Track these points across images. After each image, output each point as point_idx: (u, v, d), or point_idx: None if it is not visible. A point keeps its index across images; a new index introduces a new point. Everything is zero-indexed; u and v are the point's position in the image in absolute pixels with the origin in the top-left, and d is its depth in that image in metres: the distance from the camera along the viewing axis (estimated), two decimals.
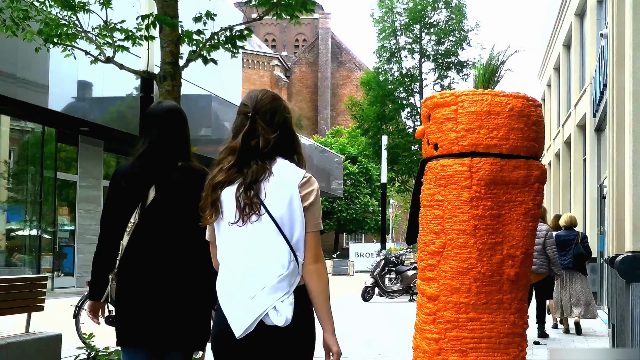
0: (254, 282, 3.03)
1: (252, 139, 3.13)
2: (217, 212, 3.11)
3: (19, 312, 6.99)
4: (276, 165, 3.11)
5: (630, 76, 6.14)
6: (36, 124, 18.82)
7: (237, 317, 3.02)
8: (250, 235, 3.07)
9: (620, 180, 7.49)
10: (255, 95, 3.25)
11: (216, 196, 3.11)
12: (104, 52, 7.46)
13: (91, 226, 21.12)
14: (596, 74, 16.20)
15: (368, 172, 53.26)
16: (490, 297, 4.72)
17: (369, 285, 18.44)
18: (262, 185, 3.07)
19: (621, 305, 6.91)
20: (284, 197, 3.06)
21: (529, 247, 4.79)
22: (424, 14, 34.31)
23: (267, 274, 3.04)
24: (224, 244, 3.14)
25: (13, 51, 15.45)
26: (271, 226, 3.05)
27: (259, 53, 75.39)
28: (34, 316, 7.17)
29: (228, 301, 3.08)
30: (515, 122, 4.70)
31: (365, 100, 36.76)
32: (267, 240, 3.06)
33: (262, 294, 3.02)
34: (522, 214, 4.73)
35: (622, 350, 6.70)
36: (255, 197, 3.05)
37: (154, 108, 4.05)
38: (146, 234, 3.90)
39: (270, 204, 3.06)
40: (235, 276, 3.08)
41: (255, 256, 3.06)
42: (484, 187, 4.70)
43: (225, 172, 3.12)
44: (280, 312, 3.01)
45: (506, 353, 4.76)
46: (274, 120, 3.17)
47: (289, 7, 7.22)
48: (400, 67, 35.15)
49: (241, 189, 3.07)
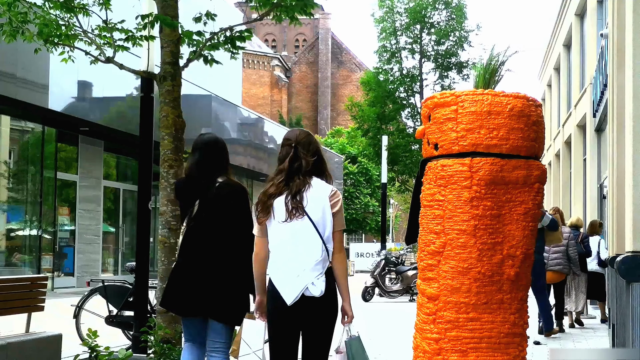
0: (298, 265, 4.33)
1: (296, 162, 4.39)
2: (269, 214, 4.35)
3: (19, 312, 6.99)
4: (313, 182, 4.40)
5: (630, 76, 6.14)
6: (36, 124, 18.82)
7: (288, 290, 4.31)
8: (294, 231, 4.34)
9: (620, 180, 7.49)
10: (295, 132, 4.54)
11: (270, 203, 4.36)
12: (104, 52, 7.47)
13: (91, 226, 21.12)
14: (596, 74, 16.20)
15: (368, 172, 53.24)
16: (490, 297, 4.72)
17: (369, 285, 18.44)
18: (304, 194, 4.34)
19: (621, 305, 6.91)
20: (319, 205, 4.36)
21: (529, 247, 4.78)
22: (424, 14, 34.31)
23: (307, 259, 4.34)
24: (275, 238, 4.38)
25: (13, 51, 15.45)
26: (310, 225, 4.33)
27: (259, 53, 75.38)
28: (34, 316, 7.17)
29: (280, 279, 4.35)
30: (515, 122, 4.71)
31: (366, 101, 36.73)
32: (307, 235, 4.34)
33: (304, 273, 4.32)
34: (522, 214, 4.73)
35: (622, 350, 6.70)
36: (300, 203, 4.32)
37: (197, 139, 5.23)
38: (194, 236, 5.00)
39: (310, 209, 4.34)
40: (284, 261, 4.35)
41: (298, 247, 4.34)
42: (484, 187, 4.70)
43: (276, 186, 4.37)
44: (317, 286, 4.33)
45: (506, 353, 4.75)
46: (309, 149, 4.45)
47: (289, 8, 7.22)
48: (400, 67, 35.13)
49: (288, 197, 4.33)
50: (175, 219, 6.88)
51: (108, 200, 22.60)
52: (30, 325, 7.01)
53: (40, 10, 7.37)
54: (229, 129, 28.41)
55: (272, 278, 4.39)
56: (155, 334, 6.67)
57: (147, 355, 6.86)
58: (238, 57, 7.70)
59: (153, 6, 7.34)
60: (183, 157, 6.99)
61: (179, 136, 6.95)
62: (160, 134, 6.99)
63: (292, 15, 7.26)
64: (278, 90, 78.23)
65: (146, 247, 8.07)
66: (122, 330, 9.53)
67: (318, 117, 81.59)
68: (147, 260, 8.13)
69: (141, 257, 8.07)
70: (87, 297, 9.59)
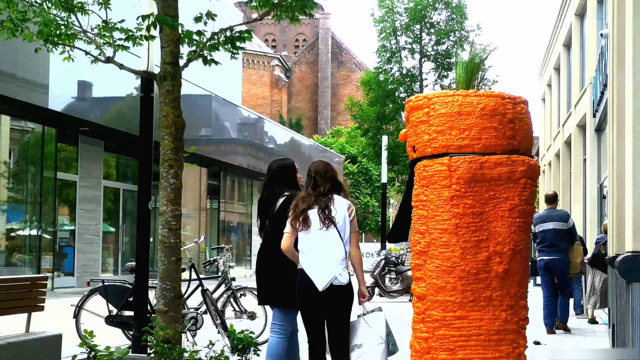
0: (328, 261, 5.67)
1: (317, 187, 5.84)
2: (307, 224, 5.75)
3: (19, 312, 6.99)
4: (334, 198, 5.82)
5: (630, 76, 6.14)
6: (36, 124, 18.82)
7: (320, 279, 5.64)
8: (326, 236, 5.73)
9: (620, 180, 7.48)
10: (315, 164, 5.97)
11: (305, 216, 5.76)
12: (104, 52, 7.46)
13: (91, 226, 21.12)
14: (596, 74, 16.19)
15: (368, 172, 53.22)
16: (477, 294, 4.73)
17: (369, 286, 18.43)
18: (331, 209, 5.75)
19: (621, 305, 6.91)
20: (341, 216, 5.76)
21: (518, 243, 4.74)
22: (424, 14, 34.29)
23: (334, 256, 5.69)
24: (310, 240, 5.74)
25: (13, 51, 15.45)
26: (335, 232, 5.72)
27: (259, 53, 75.36)
28: (34, 316, 7.17)
29: (313, 271, 5.68)
30: (487, 122, 4.73)
31: (366, 101, 36.72)
32: (334, 239, 5.72)
33: (333, 267, 5.66)
34: (507, 210, 4.73)
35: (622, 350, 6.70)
36: (330, 215, 5.73)
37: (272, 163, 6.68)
38: (270, 237, 6.32)
39: (336, 219, 5.74)
40: (316, 257, 5.70)
41: (328, 247, 5.70)
42: (463, 186, 4.73)
43: (306, 203, 5.79)
44: (343, 276, 5.69)
45: (498, 350, 4.72)
46: (326, 176, 5.87)
47: (288, 8, 7.21)
48: (400, 67, 35.12)
49: (319, 211, 5.75)
50: (175, 219, 6.88)
51: (108, 200, 22.60)
52: (30, 325, 7.00)
53: (39, 9, 7.36)
54: (229, 129, 28.41)
55: (306, 270, 5.72)
56: (156, 334, 6.67)
57: (148, 355, 6.85)
58: (238, 57, 7.70)
59: (153, 6, 7.33)
60: (183, 157, 6.99)
61: (179, 136, 6.94)
62: (160, 134, 6.99)
63: (292, 15, 7.25)
64: (278, 90, 78.22)
65: (146, 247, 8.07)
66: (122, 330, 9.54)
67: (318, 117, 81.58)
68: (147, 260, 8.13)
69: (141, 257, 8.07)
70: (87, 297, 9.59)
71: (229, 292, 10.30)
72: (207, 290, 9.78)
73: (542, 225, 11.71)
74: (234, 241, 31.74)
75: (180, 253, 6.98)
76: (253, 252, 33.16)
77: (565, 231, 11.65)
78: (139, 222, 8.16)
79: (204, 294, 9.73)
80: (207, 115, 26.12)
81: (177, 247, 6.90)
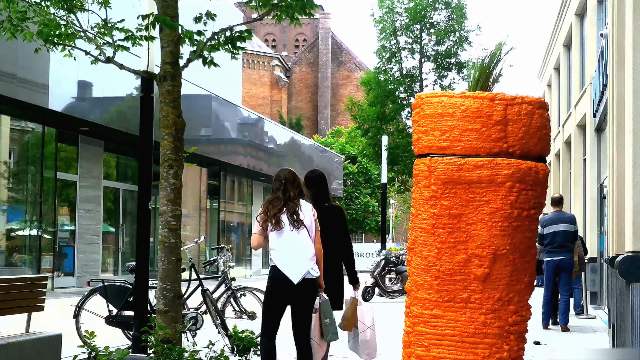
0: (301, 257, 6.31)
1: (286, 192, 6.43)
2: (280, 225, 6.34)
3: (19, 312, 6.99)
4: (301, 203, 6.45)
5: (630, 76, 6.14)
6: (36, 124, 18.82)
7: (294, 273, 6.25)
8: (298, 236, 6.35)
9: (620, 180, 7.48)
10: (284, 172, 6.57)
11: (277, 219, 6.34)
12: (104, 52, 7.46)
13: (91, 226, 21.12)
14: (596, 74, 16.19)
15: (368, 172, 53.19)
16: (453, 295, 4.72)
17: (369, 285, 18.44)
18: (299, 213, 6.39)
19: (621, 305, 6.91)
20: (308, 218, 6.42)
21: (499, 247, 4.65)
22: (424, 14, 34.26)
23: (306, 253, 6.34)
24: (283, 239, 6.33)
25: (13, 51, 15.45)
26: (306, 232, 6.39)
27: (259, 53, 75.34)
28: (34, 316, 7.17)
29: (287, 266, 6.27)
30: (470, 123, 4.67)
31: (366, 101, 36.70)
32: (305, 238, 6.37)
33: (305, 262, 6.31)
34: (488, 213, 4.66)
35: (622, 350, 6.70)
36: (299, 218, 6.37)
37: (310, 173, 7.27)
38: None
39: (304, 221, 6.39)
40: (290, 254, 6.30)
41: (301, 245, 6.34)
42: (440, 187, 4.72)
43: (276, 208, 6.39)
44: (314, 270, 6.35)
45: (473, 353, 4.67)
46: (294, 184, 6.50)
47: (288, 8, 7.21)
48: (400, 67, 35.09)
49: (289, 214, 6.37)
50: (175, 219, 6.88)
51: (108, 200, 22.60)
52: (30, 325, 7.01)
53: (39, 9, 7.36)
54: (229, 129, 28.41)
55: (279, 266, 6.29)
56: (155, 334, 6.67)
57: (147, 355, 6.85)
58: (238, 57, 7.70)
59: (153, 6, 7.33)
60: (183, 157, 6.99)
61: (179, 136, 6.94)
62: (160, 134, 6.99)
63: (292, 15, 7.25)
64: (278, 90, 78.20)
65: (146, 247, 8.07)
66: (122, 330, 9.54)
67: (318, 117, 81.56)
68: (147, 260, 8.13)
69: (141, 257, 8.07)
70: (87, 297, 9.59)
71: (229, 292, 10.29)
72: (207, 290, 9.78)
73: (551, 227, 12.39)
74: (234, 241, 31.74)
75: (180, 253, 6.98)
76: (253, 252, 33.15)
77: (572, 233, 12.52)
78: (139, 222, 8.16)
79: (204, 294, 9.73)
80: (207, 115, 26.12)
81: (177, 247, 6.91)
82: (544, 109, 4.82)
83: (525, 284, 4.79)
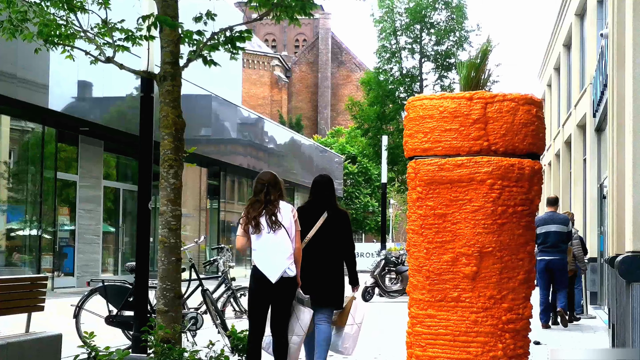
0: (279, 257, 6.52)
1: (268, 195, 6.60)
2: (259, 228, 6.54)
3: (19, 312, 6.99)
4: (280, 205, 6.63)
5: (630, 76, 6.14)
6: (36, 124, 18.82)
7: (272, 273, 6.48)
8: (275, 237, 6.54)
9: (620, 180, 7.49)
10: (267, 175, 6.73)
11: (257, 221, 6.54)
12: (104, 52, 7.46)
13: (91, 226, 21.12)
14: (596, 74, 16.19)
15: (368, 172, 53.19)
16: (444, 294, 4.76)
17: (369, 285, 18.43)
18: (278, 214, 6.57)
19: (621, 305, 6.91)
20: (287, 219, 6.61)
21: (485, 245, 4.66)
22: (424, 14, 34.27)
23: (284, 253, 6.54)
24: (262, 241, 6.54)
25: (13, 51, 15.45)
26: (284, 232, 6.56)
27: (259, 53, 75.34)
28: (34, 316, 7.17)
29: (266, 266, 6.51)
30: (448, 124, 4.73)
31: (366, 100, 36.70)
32: (283, 239, 6.55)
33: (283, 262, 6.51)
34: (471, 212, 4.69)
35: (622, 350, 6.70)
36: (277, 220, 6.55)
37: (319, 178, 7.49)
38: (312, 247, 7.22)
39: (283, 222, 6.57)
40: (268, 255, 6.53)
41: (278, 245, 6.53)
42: (425, 188, 4.80)
43: (256, 210, 6.58)
44: (291, 269, 6.55)
45: (466, 352, 4.70)
46: (276, 187, 6.67)
47: (288, 8, 7.21)
48: (400, 67, 35.11)
49: (267, 217, 6.55)
50: (175, 219, 6.88)
51: (108, 200, 22.60)
52: (30, 325, 7.01)
53: (39, 9, 7.36)
54: (229, 129, 28.41)
55: (259, 266, 6.53)
56: (156, 334, 6.67)
57: (147, 355, 6.86)
58: (238, 57, 7.70)
59: (153, 6, 7.33)
60: (183, 157, 6.99)
61: (179, 136, 6.94)
62: (160, 134, 6.99)
63: (291, 15, 7.25)
64: (278, 90, 78.19)
65: (146, 247, 8.07)
66: (122, 330, 9.54)
67: (318, 117, 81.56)
68: (147, 260, 8.13)
69: (141, 257, 8.07)
70: (87, 297, 9.59)
71: (229, 292, 10.30)
72: (207, 290, 9.78)
73: (543, 227, 12.54)
74: (234, 241, 31.74)
75: (180, 253, 6.98)
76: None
77: (565, 234, 12.73)
78: (139, 222, 8.16)
79: (204, 294, 9.73)
80: (207, 115, 26.11)
81: (177, 247, 6.91)
82: (531, 105, 4.77)
83: (520, 282, 4.75)
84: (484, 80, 4.99)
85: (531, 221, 4.84)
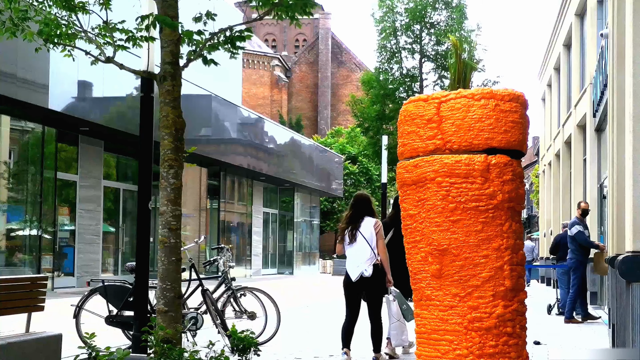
0: (357, 261, 8.23)
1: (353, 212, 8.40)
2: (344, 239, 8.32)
3: (19, 312, 6.99)
4: (365, 219, 8.33)
5: (630, 76, 6.14)
6: (36, 124, 18.82)
7: (353, 273, 8.23)
8: (355, 246, 8.27)
9: (620, 180, 7.49)
10: (359, 194, 8.53)
11: (342, 234, 8.35)
12: (104, 52, 7.46)
13: (91, 226, 21.12)
14: (596, 74, 16.19)
15: (368, 172, 53.22)
16: (419, 294, 4.92)
17: None
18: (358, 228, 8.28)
19: (621, 305, 6.91)
20: (368, 230, 8.28)
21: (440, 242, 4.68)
22: (424, 14, 34.28)
23: (361, 258, 8.23)
24: (347, 249, 8.33)
25: (13, 51, 15.45)
26: (364, 242, 8.23)
27: (259, 53, 75.33)
28: (34, 316, 7.17)
29: (349, 268, 8.28)
30: (408, 126, 4.90)
31: (366, 100, 36.72)
32: (362, 246, 8.24)
33: (360, 265, 8.21)
34: (426, 210, 4.79)
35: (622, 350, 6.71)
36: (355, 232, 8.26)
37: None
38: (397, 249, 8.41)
39: (363, 233, 8.25)
40: (351, 259, 8.29)
41: (357, 252, 8.25)
42: (400, 190, 5.02)
43: (344, 224, 8.39)
44: (368, 271, 8.19)
45: (435, 349, 4.74)
46: (362, 204, 8.39)
47: (288, 8, 7.21)
48: (400, 67, 35.14)
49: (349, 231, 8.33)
50: (175, 219, 6.88)
51: (108, 200, 22.60)
52: (30, 325, 7.00)
53: (39, 8, 7.35)
54: (229, 129, 28.40)
55: (347, 268, 8.32)
56: (156, 334, 6.67)
57: (148, 355, 6.85)
58: (238, 57, 7.69)
59: (153, 6, 7.33)
60: (183, 157, 6.99)
61: (179, 136, 6.94)
62: (160, 134, 6.99)
63: (292, 15, 7.25)
64: (278, 90, 78.19)
65: (146, 247, 8.07)
66: (122, 330, 9.53)
67: (318, 117, 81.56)
68: (147, 260, 8.13)
69: (141, 257, 8.07)
70: (87, 297, 9.59)
71: (229, 292, 10.29)
72: (207, 290, 9.78)
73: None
74: (234, 241, 31.73)
75: (180, 253, 6.98)
76: (253, 252, 33.16)
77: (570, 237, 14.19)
78: (139, 222, 8.16)
79: (204, 294, 9.73)
80: (207, 115, 26.11)
81: (177, 247, 6.90)
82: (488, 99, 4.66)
83: (484, 280, 4.63)
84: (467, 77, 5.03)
85: (498, 216, 4.64)
